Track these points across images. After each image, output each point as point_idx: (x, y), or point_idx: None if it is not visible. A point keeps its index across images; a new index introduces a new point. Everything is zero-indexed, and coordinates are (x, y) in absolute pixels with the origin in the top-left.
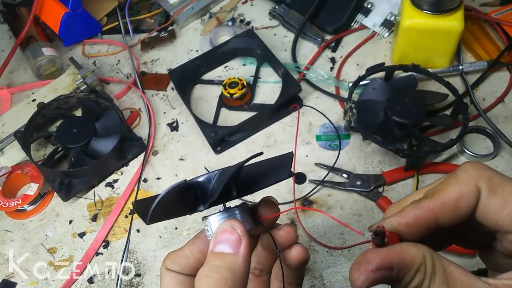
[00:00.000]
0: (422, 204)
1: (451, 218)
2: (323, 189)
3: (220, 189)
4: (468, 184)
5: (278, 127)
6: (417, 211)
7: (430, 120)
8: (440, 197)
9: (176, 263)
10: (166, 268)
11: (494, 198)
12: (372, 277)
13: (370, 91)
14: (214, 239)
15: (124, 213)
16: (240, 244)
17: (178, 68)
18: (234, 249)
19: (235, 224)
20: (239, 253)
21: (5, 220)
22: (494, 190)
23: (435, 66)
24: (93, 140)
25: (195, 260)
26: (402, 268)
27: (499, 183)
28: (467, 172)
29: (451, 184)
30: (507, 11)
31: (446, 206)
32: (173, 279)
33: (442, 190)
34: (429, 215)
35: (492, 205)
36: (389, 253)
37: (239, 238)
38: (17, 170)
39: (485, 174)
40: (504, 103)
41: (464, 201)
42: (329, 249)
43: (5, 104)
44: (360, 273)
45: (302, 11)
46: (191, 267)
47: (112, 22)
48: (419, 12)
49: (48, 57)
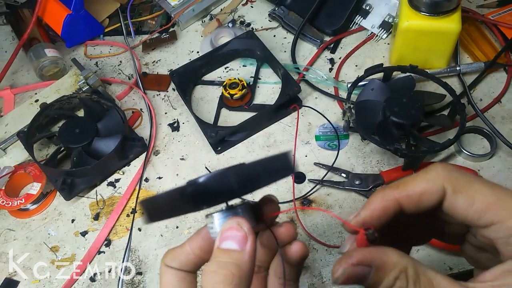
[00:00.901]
0: (388, 195)
1: (414, 209)
2: (322, 189)
3: (223, 188)
4: (434, 183)
5: (278, 127)
6: (385, 203)
7: (428, 121)
8: (406, 189)
9: (176, 259)
10: (165, 264)
11: (461, 196)
12: (351, 271)
13: (369, 92)
14: (221, 236)
15: (126, 212)
16: (247, 241)
17: (179, 69)
18: (241, 246)
19: (241, 221)
20: (245, 250)
21: (8, 219)
22: (460, 190)
23: (433, 67)
24: (95, 140)
25: (195, 257)
26: (381, 269)
27: (466, 183)
28: (436, 171)
29: (419, 179)
30: (504, 13)
31: (411, 198)
32: (173, 276)
33: (409, 183)
34: (395, 205)
35: (459, 203)
36: (372, 252)
37: (245, 235)
38: (20, 170)
39: (453, 175)
40: (501, 103)
41: (427, 197)
42: (328, 247)
43: (8, 105)
44: (340, 265)
45: (301, 12)
46: (191, 264)
47: (114, 24)
48: (417, 13)
49: (50, 58)
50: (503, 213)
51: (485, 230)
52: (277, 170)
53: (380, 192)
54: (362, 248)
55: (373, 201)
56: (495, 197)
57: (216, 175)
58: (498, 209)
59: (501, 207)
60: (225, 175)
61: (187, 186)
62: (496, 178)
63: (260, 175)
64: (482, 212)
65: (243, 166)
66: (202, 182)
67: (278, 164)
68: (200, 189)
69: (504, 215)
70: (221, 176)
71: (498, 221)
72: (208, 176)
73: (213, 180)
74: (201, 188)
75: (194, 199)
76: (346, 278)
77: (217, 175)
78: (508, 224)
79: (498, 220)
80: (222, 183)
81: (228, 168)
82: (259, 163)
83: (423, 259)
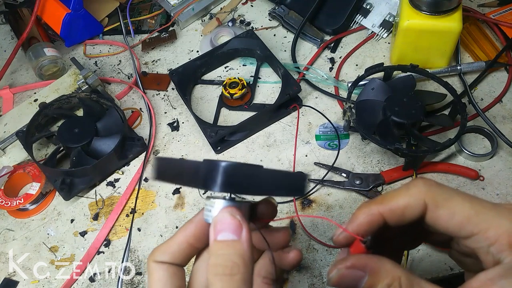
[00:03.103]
0: (373, 209)
1: (397, 222)
2: (322, 188)
3: (234, 180)
4: (416, 198)
5: (278, 127)
6: (370, 217)
7: (429, 120)
8: (389, 204)
9: (166, 252)
10: (154, 261)
11: (442, 210)
12: (344, 272)
13: (369, 91)
14: (215, 228)
15: (125, 212)
16: (242, 229)
17: (178, 69)
18: (237, 235)
19: (233, 211)
20: (242, 238)
21: (7, 219)
22: (441, 204)
23: (433, 66)
24: (94, 140)
25: (188, 246)
26: (375, 275)
27: (446, 197)
28: (417, 187)
29: (402, 194)
30: (505, 12)
31: (394, 212)
32: (164, 272)
33: (392, 198)
34: (379, 219)
35: (440, 216)
36: (367, 258)
37: (239, 223)
38: (19, 170)
39: (433, 190)
40: (502, 103)
41: (409, 211)
42: (329, 247)
43: (7, 104)
44: (334, 267)
45: (301, 12)
46: (184, 255)
47: (114, 23)
48: (417, 13)
49: (50, 57)
50: (482, 225)
51: (466, 240)
52: (289, 187)
53: (365, 206)
54: (358, 254)
55: (358, 215)
56: (474, 210)
57: (235, 167)
58: (478, 221)
59: (480, 219)
60: (240, 169)
61: (203, 164)
62: (497, 178)
63: (271, 184)
64: (462, 224)
65: (261, 169)
66: (223, 167)
67: (293, 183)
68: (213, 173)
69: (483, 226)
70: (237, 168)
71: (478, 232)
72: (227, 164)
73: (230, 169)
74: (214, 173)
75: (206, 178)
76: (339, 278)
77: (236, 167)
78: (487, 234)
79: (478, 231)
80: (235, 176)
81: (246, 164)
82: (276, 173)
83: (424, 259)
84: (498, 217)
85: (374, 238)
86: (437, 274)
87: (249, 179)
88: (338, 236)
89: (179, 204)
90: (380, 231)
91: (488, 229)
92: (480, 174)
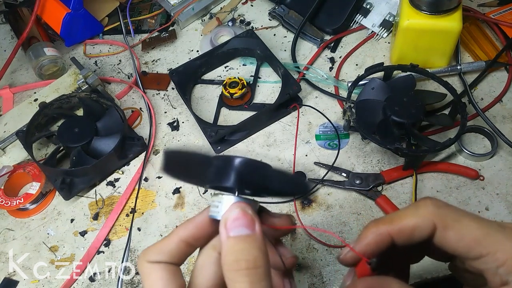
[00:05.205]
0: (381, 229)
1: (405, 242)
2: (322, 188)
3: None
4: (425, 219)
5: (278, 126)
6: (378, 237)
7: (429, 120)
8: (398, 224)
9: (164, 251)
10: (149, 261)
11: (450, 232)
12: None
13: (369, 91)
14: (228, 224)
15: (125, 211)
16: (255, 223)
17: (178, 68)
18: (251, 229)
19: (244, 206)
20: (256, 232)
21: (7, 219)
22: (449, 225)
23: (433, 66)
24: (94, 140)
25: (186, 246)
26: None
27: (455, 219)
28: (426, 207)
29: (410, 215)
30: (505, 11)
31: (403, 233)
32: (163, 271)
33: (402, 218)
34: (387, 239)
35: (449, 237)
36: (375, 281)
37: (252, 218)
38: (19, 169)
39: (442, 212)
40: (502, 102)
41: (418, 232)
42: (329, 247)
43: (7, 104)
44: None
45: (301, 11)
46: (181, 254)
47: (114, 23)
48: (417, 12)
49: (49, 57)
50: (491, 247)
51: (474, 261)
52: (293, 189)
53: (373, 226)
54: (365, 277)
55: (367, 235)
56: (483, 232)
57: (249, 163)
58: (486, 243)
59: (489, 241)
60: (254, 165)
61: (215, 159)
62: (497, 178)
63: (277, 184)
64: (471, 246)
65: (270, 168)
66: (239, 161)
67: (297, 185)
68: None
69: (492, 248)
70: (251, 165)
71: (487, 254)
72: (242, 159)
73: (244, 165)
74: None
75: (218, 173)
76: None
77: (249, 163)
78: (496, 256)
79: (487, 253)
80: (248, 172)
81: (258, 161)
82: (283, 173)
83: (426, 260)
84: (506, 239)
85: (380, 256)
86: (437, 274)
87: (261, 176)
88: (345, 255)
89: (179, 204)
90: (388, 250)
91: (497, 251)
92: (480, 174)
